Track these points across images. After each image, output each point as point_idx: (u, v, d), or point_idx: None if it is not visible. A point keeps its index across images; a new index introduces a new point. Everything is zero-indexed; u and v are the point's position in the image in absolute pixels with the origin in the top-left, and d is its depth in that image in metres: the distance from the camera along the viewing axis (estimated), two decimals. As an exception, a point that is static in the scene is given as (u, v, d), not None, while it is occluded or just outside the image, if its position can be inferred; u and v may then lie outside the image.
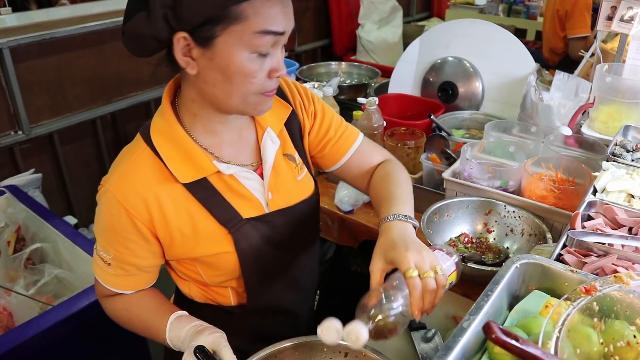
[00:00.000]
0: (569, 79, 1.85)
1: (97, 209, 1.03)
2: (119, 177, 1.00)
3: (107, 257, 1.05)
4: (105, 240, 1.04)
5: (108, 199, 0.99)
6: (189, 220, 1.02)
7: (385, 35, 3.81)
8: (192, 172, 1.01)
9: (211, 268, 1.09)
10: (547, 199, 1.44)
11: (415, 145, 1.85)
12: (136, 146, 1.04)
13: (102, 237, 1.04)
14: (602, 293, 0.75)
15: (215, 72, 0.92)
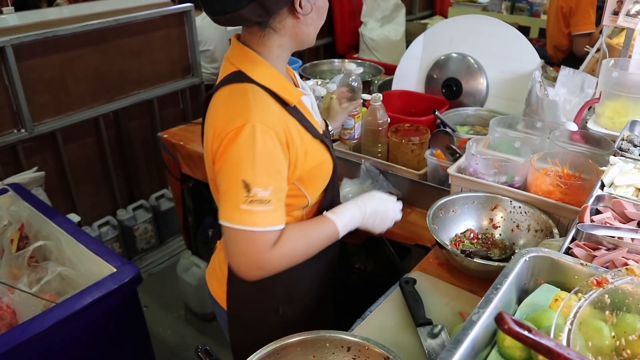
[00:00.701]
0: (574, 75, 1.84)
1: (246, 148, 1.08)
2: (258, 110, 1.10)
3: (266, 194, 1.09)
4: (267, 173, 1.09)
5: (261, 130, 1.08)
6: (300, 139, 1.18)
7: (387, 33, 3.80)
8: (292, 97, 1.19)
9: (314, 181, 1.26)
10: (554, 194, 1.42)
11: (420, 142, 1.84)
12: (243, 87, 1.16)
13: (262, 170, 1.08)
14: (613, 286, 0.74)
15: (315, 13, 1.19)
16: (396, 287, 1.32)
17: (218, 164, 1.13)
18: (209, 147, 1.16)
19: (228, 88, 1.17)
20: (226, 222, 1.10)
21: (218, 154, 1.12)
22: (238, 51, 1.22)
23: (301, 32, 1.20)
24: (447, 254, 1.36)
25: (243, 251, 1.12)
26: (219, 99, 1.18)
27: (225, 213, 1.11)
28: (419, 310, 1.21)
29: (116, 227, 3.01)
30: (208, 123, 1.18)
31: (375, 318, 1.23)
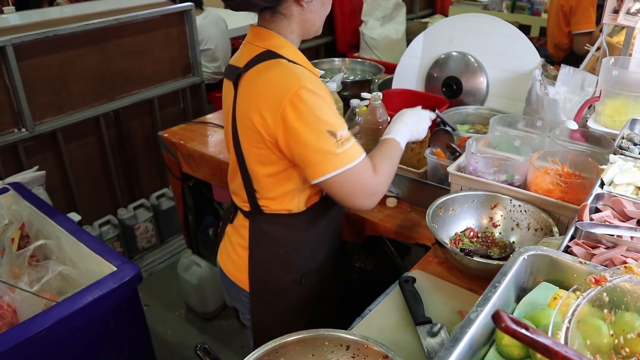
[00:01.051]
0: (574, 73, 1.83)
1: (314, 105, 1.20)
2: (303, 75, 1.22)
3: (345, 133, 1.24)
4: (336, 116, 1.24)
5: (314, 86, 1.21)
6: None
7: (388, 32, 3.80)
8: (316, 74, 1.33)
9: None
10: (554, 193, 1.42)
11: (420, 141, 1.84)
12: (278, 61, 1.26)
13: (334, 115, 1.23)
14: (612, 284, 0.73)
15: (318, 2, 1.31)
16: (396, 285, 1.32)
17: (288, 134, 1.21)
18: (262, 123, 1.24)
19: (263, 65, 1.26)
20: (330, 173, 1.22)
21: (284, 125, 1.20)
22: (260, 34, 1.32)
23: (307, 19, 1.32)
24: (447, 252, 1.36)
25: (357, 186, 1.27)
26: (256, 76, 1.26)
27: (323, 167, 1.22)
28: (419, 309, 1.21)
29: (117, 226, 3.01)
30: (249, 102, 1.26)
31: (375, 317, 1.23)
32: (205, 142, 2.39)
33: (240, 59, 1.35)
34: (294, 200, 1.40)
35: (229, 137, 1.41)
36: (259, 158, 1.32)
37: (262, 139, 1.26)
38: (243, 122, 1.29)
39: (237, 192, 1.48)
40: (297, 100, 1.18)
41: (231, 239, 1.54)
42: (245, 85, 1.28)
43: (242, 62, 1.32)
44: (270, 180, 1.35)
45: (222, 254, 1.60)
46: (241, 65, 1.31)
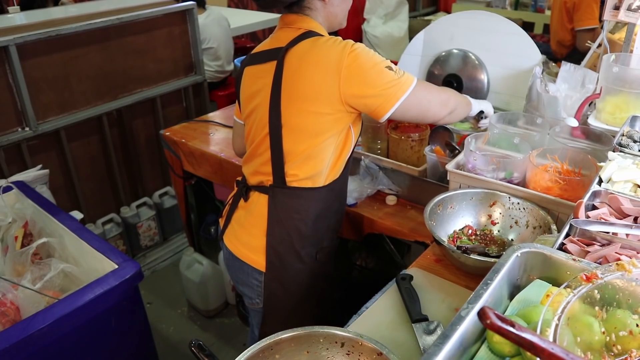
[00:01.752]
0: (575, 70, 1.83)
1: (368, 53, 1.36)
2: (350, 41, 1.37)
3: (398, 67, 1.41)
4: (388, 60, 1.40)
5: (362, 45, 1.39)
6: None
7: (391, 30, 3.79)
8: None
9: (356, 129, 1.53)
10: (553, 190, 1.42)
11: (420, 138, 1.84)
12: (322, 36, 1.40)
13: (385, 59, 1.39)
14: (603, 281, 0.73)
15: None
16: (393, 283, 1.32)
17: (353, 80, 1.34)
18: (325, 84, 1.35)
19: (309, 41, 1.38)
20: (402, 97, 1.38)
21: (349, 75, 1.33)
22: (298, 19, 1.43)
23: (330, 12, 1.46)
24: (444, 250, 1.36)
25: (428, 99, 1.46)
26: (309, 48, 1.37)
27: (396, 93, 1.38)
28: (415, 307, 1.21)
29: (120, 225, 3.03)
30: (306, 69, 1.36)
31: (371, 314, 1.23)
32: (207, 141, 2.39)
33: (275, 43, 1.45)
34: (321, 174, 1.49)
35: (257, 115, 1.48)
36: (307, 122, 1.41)
37: (322, 99, 1.37)
38: (297, 91, 1.39)
39: (258, 170, 1.53)
40: (354, 53, 1.33)
41: (242, 222, 1.59)
42: (296, 58, 1.38)
43: (281, 44, 1.42)
44: (307, 151, 1.44)
45: (232, 238, 1.63)
46: (283, 44, 1.41)
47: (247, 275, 1.60)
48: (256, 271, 1.56)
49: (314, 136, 1.42)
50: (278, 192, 1.50)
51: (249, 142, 1.56)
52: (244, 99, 1.54)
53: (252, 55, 1.51)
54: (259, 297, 1.61)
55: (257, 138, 1.50)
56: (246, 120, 1.56)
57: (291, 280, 1.58)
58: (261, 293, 1.59)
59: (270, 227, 1.52)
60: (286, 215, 1.50)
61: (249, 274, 1.59)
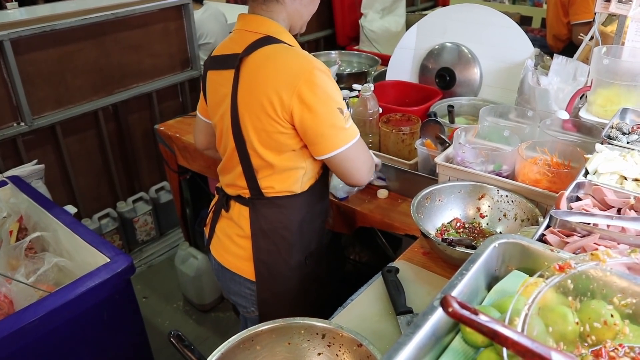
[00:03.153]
0: (567, 63, 1.82)
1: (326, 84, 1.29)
2: (315, 59, 1.31)
3: (347, 112, 1.35)
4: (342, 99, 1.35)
5: (327, 69, 1.31)
6: None
7: (388, 25, 3.78)
8: None
9: None
10: (541, 182, 1.42)
11: (410, 131, 1.84)
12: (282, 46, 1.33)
13: (339, 95, 1.34)
14: (576, 270, 0.73)
15: None
16: (379, 276, 1.33)
17: (303, 110, 1.27)
18: (276, 102, 1.27)
19: (268, 49, 1.30)
20: (342, 147, 1.33)
21: (300, 103, 1.26)
22: (256, 20, 1.36)
23: (296, 10, 1.38)
24: (431, 243, 1.36)
25: (362, 159, 1.41)
26: (265, 59, 1.30)
27: (335, 141, 1.32)
28: (400, 299, 1.21)
29: (116, 219, 3.04)
30: (261, 83, 1.29)
31: (357, 306, 1.24)
32: (201, 135, 2.39)
33: (233, 47, 1.37)
34: (297, 182, 1.44)
35: (223, 125, 1.42)
36: (267, 138, 1.34)
37: (276, 117, 1.30)
38: (252, 104, 1.31)
39: (233, 182, 1.48)
40: (311, 79, 1.26)
41: (227, 232, 1.55)
42: (252, 69, 1.31)
43: (238, 49, 1.34)
44: (277, 165, 1.39)
45: (218, 248, 1.59)
46: (239, 51, 1.33)
47: (239, 285, 1.57)
48: (247, 281, 1.53)
49: (279, 152, 1.36)
50: (257, 203, 1.45)
51: (221, 150, 1.52)
52: (212, 104, 1.48)
53: (212, 58, 1.45)
54: (254, 306, 1.58)
55: (227, 150, 1.46)
56: (216, 126, 1.50)
57: (282, 288, 1.54)
58: (255, 302, 1.56)
59: (255, 238, 1.47)
60: (269, 226, 1.46)
61: (241, 284, 1.56)
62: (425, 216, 1.44)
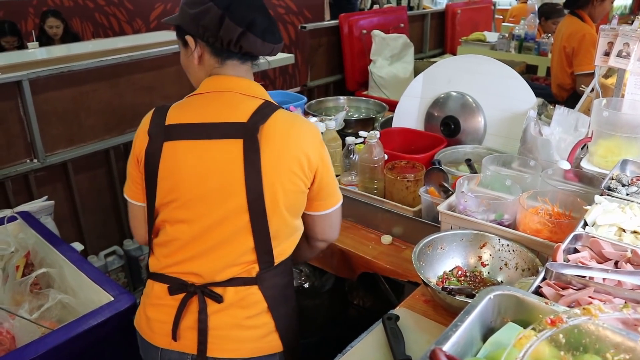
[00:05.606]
0: (569, 114, 1.86)
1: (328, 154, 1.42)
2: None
3: None
4: None
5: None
6: None
7: (396, 71, 3.86)
8: None
9: None
10: (542, 232, 1.43)
11: (415, 179, 1.87)
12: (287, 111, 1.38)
13: None
14: (568, 325, 0.74)
15: None
16: (379, 323, 1.33)
17: (324, 169, 1.35)
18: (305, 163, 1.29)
19: (282, 114, 1.31)
20: (340, 201, 1.45)
21: (322, 162, 1.34)
22: (246, 84, 1.35)
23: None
24: (432, 291, 1.36)
25: (339, 221, 1.50)
26: (286, 125, 1.29)
27: (338, 196, 1.44)
28: (399, 347, 1.21)
29: (122, 257, 3.05)
30: (290, 146, 1.27)
31: (356, 353, 1.24)
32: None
33: (227, 113, 1.28)
34: (296, 242, 1.40)
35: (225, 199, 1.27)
36: (293, 200, 1.31)
37: (303, 177, 1.30)
38: (281, 169, 1.26)
39: (233, 262, 1.30)
40: (321, 144, 1.35)
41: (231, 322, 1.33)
42: (274, 135, 1.26)
43: (242, 116, 1.26)
44: (294, 222, 1.36)
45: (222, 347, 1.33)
46: (244, 120, 1.25)
47: None
48: (273, 355, 1.38)
49: (297, 213, 1.36)
50: (266, 275, 1.32)
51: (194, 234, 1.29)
52: (178, 179, 1.28)
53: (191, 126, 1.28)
54: None
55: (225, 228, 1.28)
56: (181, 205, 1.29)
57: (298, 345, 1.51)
58: None
59: (275, 309, 1.34)
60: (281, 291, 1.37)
61: None
62: (427, 264, 1.45)
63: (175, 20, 1.37)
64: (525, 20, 4.30)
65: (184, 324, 1.32)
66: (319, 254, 1.72)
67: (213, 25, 1.24)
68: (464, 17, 5.08)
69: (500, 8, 7.17)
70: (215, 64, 1.33)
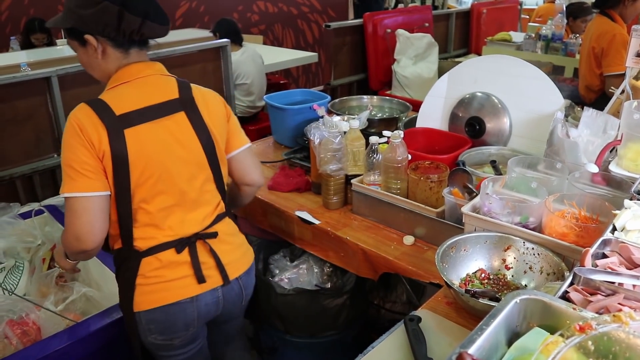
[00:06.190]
0: (597, 116, 1.82)
1: None
2: None
3: None
4: None
5: None
6: None
7: (420, 71, 3.84)
8: None
9: None
10: (568, 236, 1.40)
11: (439, 179, 1.85)
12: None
13: None
14: (597, 332, 0.73)
15: None
16: (401, 324, 1.32)
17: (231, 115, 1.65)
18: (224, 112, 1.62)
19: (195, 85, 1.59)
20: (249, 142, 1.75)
21: (229, 109, 1.64)
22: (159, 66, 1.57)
23: None
24: (454, 293, 1.35)
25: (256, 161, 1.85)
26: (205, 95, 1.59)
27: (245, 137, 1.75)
28: (421, 349, 1.20)
29: (145, 252, 3.08)
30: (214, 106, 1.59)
31: (377, 354, 1.23)
32: (232, 173, 2.45)
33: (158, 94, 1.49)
34: None
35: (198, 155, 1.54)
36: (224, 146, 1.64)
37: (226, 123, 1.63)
38: (218, 125, 1.58)
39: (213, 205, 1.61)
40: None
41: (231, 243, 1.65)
42: (204, 100, 1.56)
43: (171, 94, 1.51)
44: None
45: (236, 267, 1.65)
46: (176, 95, 1.51)
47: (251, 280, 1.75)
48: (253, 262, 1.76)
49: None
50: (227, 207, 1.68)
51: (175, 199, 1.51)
52: (151, 154, 1.46)
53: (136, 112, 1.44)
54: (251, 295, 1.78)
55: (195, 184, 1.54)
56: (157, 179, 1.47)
57: None
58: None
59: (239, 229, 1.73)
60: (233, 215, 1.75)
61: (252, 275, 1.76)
62: (450, 265, 1.43)
63: (66, 23, 1.45)
64: (552, 20, 4.22)
65: (203, 267, 1.55)
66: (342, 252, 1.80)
67: (113, 21, 1.38)
68: (489, 16, 5.02)
69: (526, 8, 7.06)
70: (120, 55, 1.48)
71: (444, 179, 1.86)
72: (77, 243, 1.43)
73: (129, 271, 1.51)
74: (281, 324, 2.13)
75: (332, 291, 2.06)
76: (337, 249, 1.96)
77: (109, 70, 1.50)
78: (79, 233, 1.41)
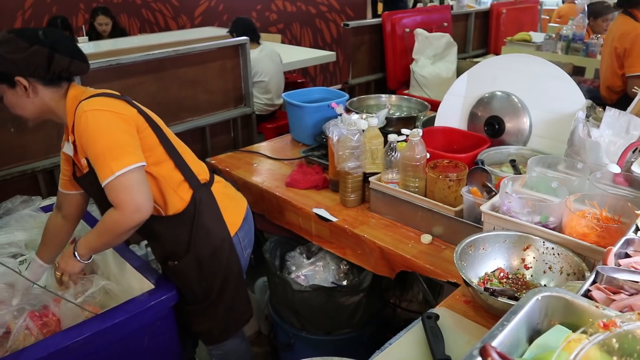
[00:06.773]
0: (620, 116, 1.80)
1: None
2: None
3: None
4: None
5: None
6: None
7: (438, 71, 3.82)
8: None
9: None
10: (589, 237, 1.39)
11: (457, 178, 1.84)
12: None
13: None
14: (622, 329, 0.72)
15: None
16: (419, 321, 1.31)
17: None
18: None
19: None
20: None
21: None
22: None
23: None
24: (473, 291, 1.34)
25: None
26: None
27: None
28: (439, 347, 1.20)
29: (163, 247, 3.11)
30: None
31: (394, 350, 1.23)
32: (250, 171, 2.47)
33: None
34: None
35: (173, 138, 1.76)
36: None
37: None
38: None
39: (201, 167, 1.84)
40: None
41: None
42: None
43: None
44: None
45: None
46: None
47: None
48: None
49: None
50: None
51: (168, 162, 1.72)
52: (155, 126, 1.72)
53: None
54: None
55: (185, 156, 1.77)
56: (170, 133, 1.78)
57: None
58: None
59: None
60: None
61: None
62: (468, 264, 1.42)
63: None
64: (573, 20, 4.17)
65: None
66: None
67: (44, 62, 1.50)
68: (509, 16, 4.98)
69: (546, 8, 6.98)
70: (54, 89, 1.59)
71: (462, 178, 1.85)
72: (138, 215, 1.52)
73: (211, 206, 1.76)
74: (297, 321, 2.14)
75: (348, 289, 2.06)
76: (354, 246, 1.97)
77: (39, 105, 1.60)
78: (139, 203, 1.51)
